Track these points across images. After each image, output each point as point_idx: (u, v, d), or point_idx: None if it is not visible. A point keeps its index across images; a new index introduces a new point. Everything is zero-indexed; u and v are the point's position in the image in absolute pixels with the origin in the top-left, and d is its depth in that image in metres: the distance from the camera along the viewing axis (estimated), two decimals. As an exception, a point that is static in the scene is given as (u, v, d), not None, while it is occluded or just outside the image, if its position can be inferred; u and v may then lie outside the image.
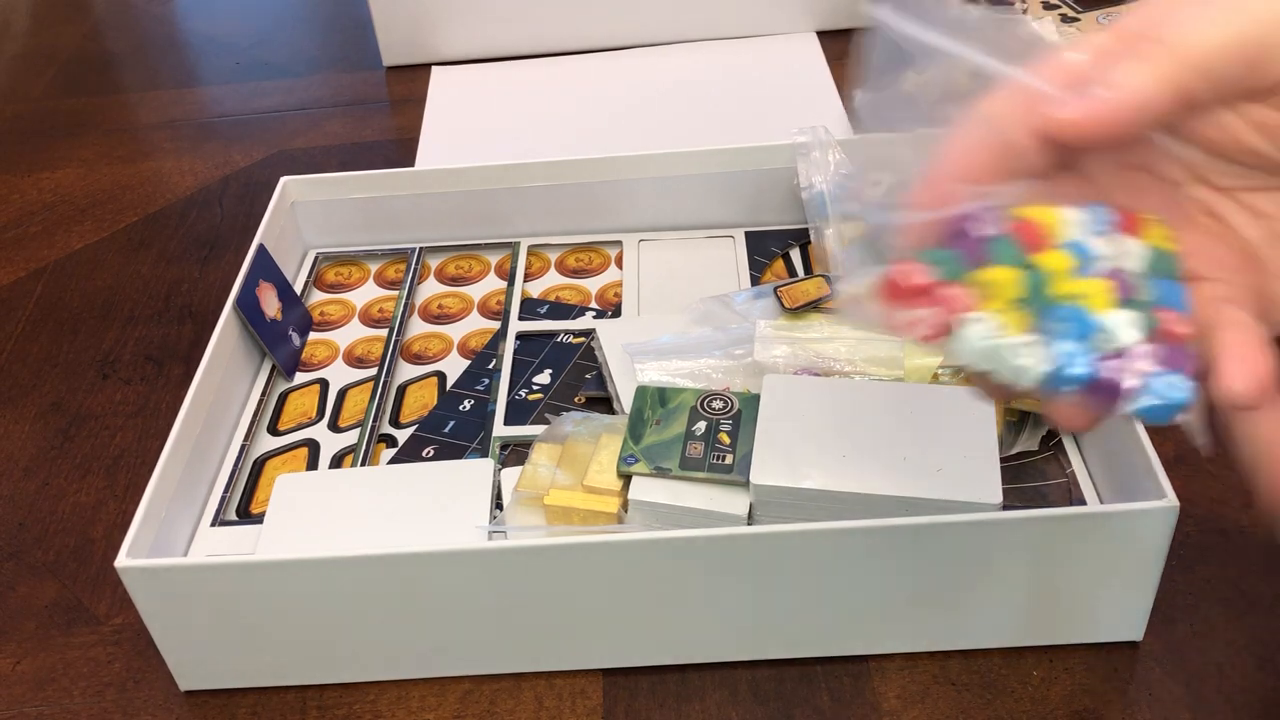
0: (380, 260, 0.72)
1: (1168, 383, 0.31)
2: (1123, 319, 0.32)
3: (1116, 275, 0.32)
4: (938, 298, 0.32)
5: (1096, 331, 0.32)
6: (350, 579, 0.46)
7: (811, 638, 0.48)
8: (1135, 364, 0.31)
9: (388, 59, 0.98)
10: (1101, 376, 0.31)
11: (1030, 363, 0.31)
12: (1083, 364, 0.31)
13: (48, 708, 0.50)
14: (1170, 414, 0.31)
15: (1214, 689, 0.47)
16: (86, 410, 0.66)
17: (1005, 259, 0.32)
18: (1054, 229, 0.33)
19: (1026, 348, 0.31)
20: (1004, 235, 0.33)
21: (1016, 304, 0.32)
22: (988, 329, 0.32)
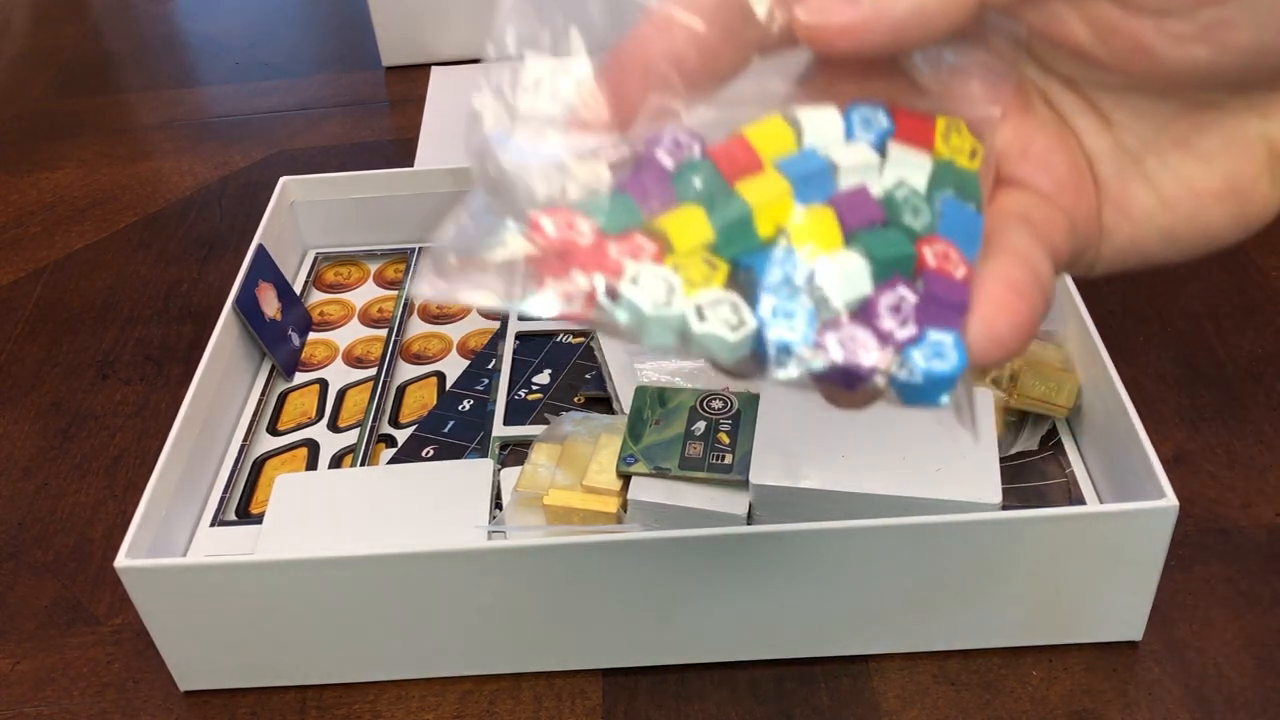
0: (380, 260, 0.72)
1: (931, 349, 0.23)
2: (848, 264, 0.23)
3: (859, 196, 0.24)
4: (591, 256, 0.23)
5: (805, 285, 0.23)
6: (350, 579, 0.46)
7: (811, 638, 0.48)
8: (878, 328, 0.23)
9: (387, 59, 0.98)
10: (823, 349, 0.23)
11: (723, 333, 0.23)
12: (792, 335, 0.23)
13: (47, 708, 0.50)
14: (936, 392, 0.23)
15: (1214, 689, 0.47)
16: (86, 410, 0.66)
17: (691, 193, 0.24)
18: (775, 144, 0.25)
19: (714, 311, 0.23)
20: (694, 161, 0.24)
21: (705, 253, 0.23)
22: (658, 289, 0.23)
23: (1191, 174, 0.27)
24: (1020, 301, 0.24)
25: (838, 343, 0.23)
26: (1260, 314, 0.65)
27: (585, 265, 0.23)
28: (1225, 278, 0.68)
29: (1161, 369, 0.62)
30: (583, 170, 0.24)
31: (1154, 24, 0.24)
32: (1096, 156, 0.28)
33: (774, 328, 0.23)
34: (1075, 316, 0.55)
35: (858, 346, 0.23)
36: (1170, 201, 0.28)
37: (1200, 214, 0.28)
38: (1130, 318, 0.65)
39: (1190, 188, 0.27)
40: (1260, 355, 0.62)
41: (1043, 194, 0.27)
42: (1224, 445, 0.57)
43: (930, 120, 0.25)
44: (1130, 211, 0.28)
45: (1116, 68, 0.26)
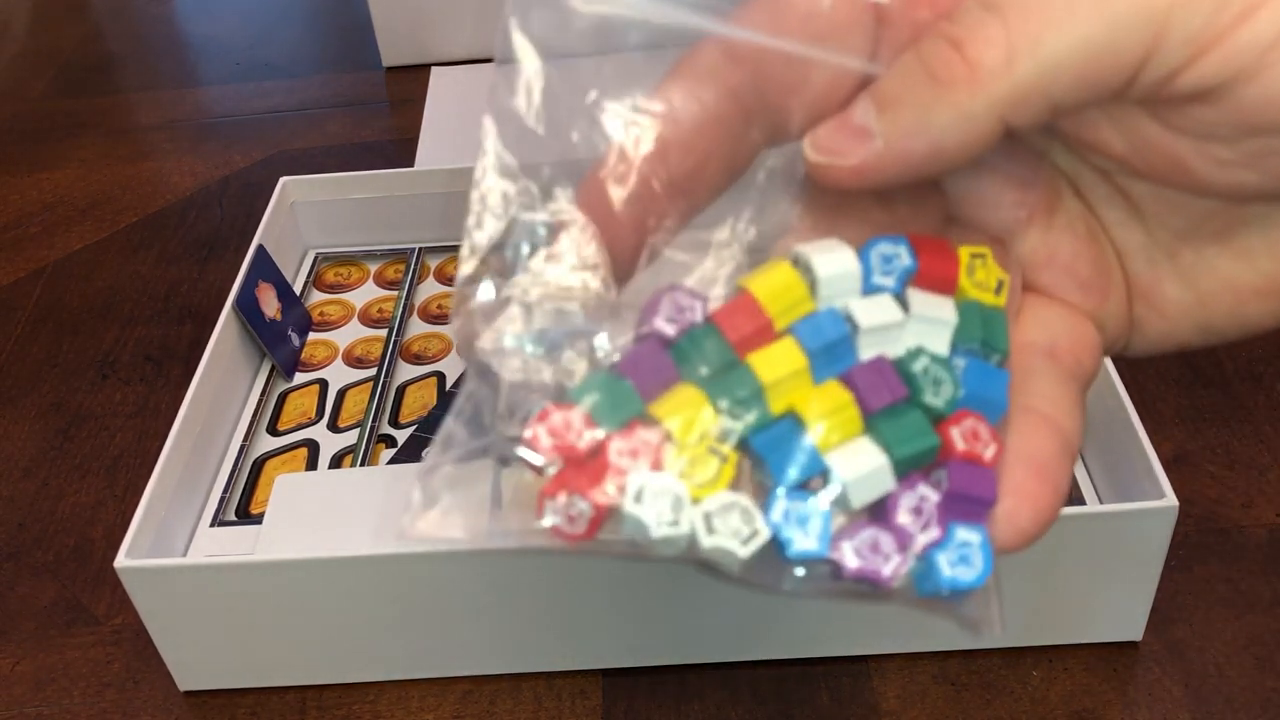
0: (380, 260, 0.72)
1: (958, 554, 0.22)
2: (868, 463, 0.21)
3: (880, 373, 0.22)
4: (592, 474, 0.21)
5: (821, 482, 0.21)
6: (350, 579, 0.46)
7: (811, 638, 0.48)
8: (899, 530, 0.21)
9: (387, 59, 0.98)
10: (842, 564, 0.21)
11: (733, 546, 0.21)
12: (807, 544, 0.21)
13: (47, 708, 0.50)
14: (963, 596, 0.22)
15: (1214, 689, 0.47)
16: (86, 410, 0.66)
17: (696, 368, 0.22)
18: (785, 298, 0.22)
19: (723, 520, 0.21)
20: (698, 332, 0.22)
21: (712, 442, 0.21)
22: (664, 505, 0.21)
23: (1231, 271, 0.25)
24: (1044, 487, 0.23)
25: (854, 552, 0.21)
26: (1260, 314, 0.65)
27: (586, 485, 0.21)
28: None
29: (1161, 369, 0.62)
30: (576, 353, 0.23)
31: (1195, 146, 0.22)
32: (1127, 252, 0.26)
33: (790, 536, 0.21)
34: (1075, 316, 0.55)
35: (877, 555, 0.21)
36: (1207, 298, 0.26)
37: (1239, 310, 0.25)
38: (1130, 318, 0.65)
39: (1230, 285, 0.25)
40: (1260, 355, 0.62)
41: (1069, 302, 0.26)
42: (1224, 445, 0.57)
43: (953, 255, 0.24)
44: (1164, 308, 0.26)
45: (1154, 179, 0.24)
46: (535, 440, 0.22)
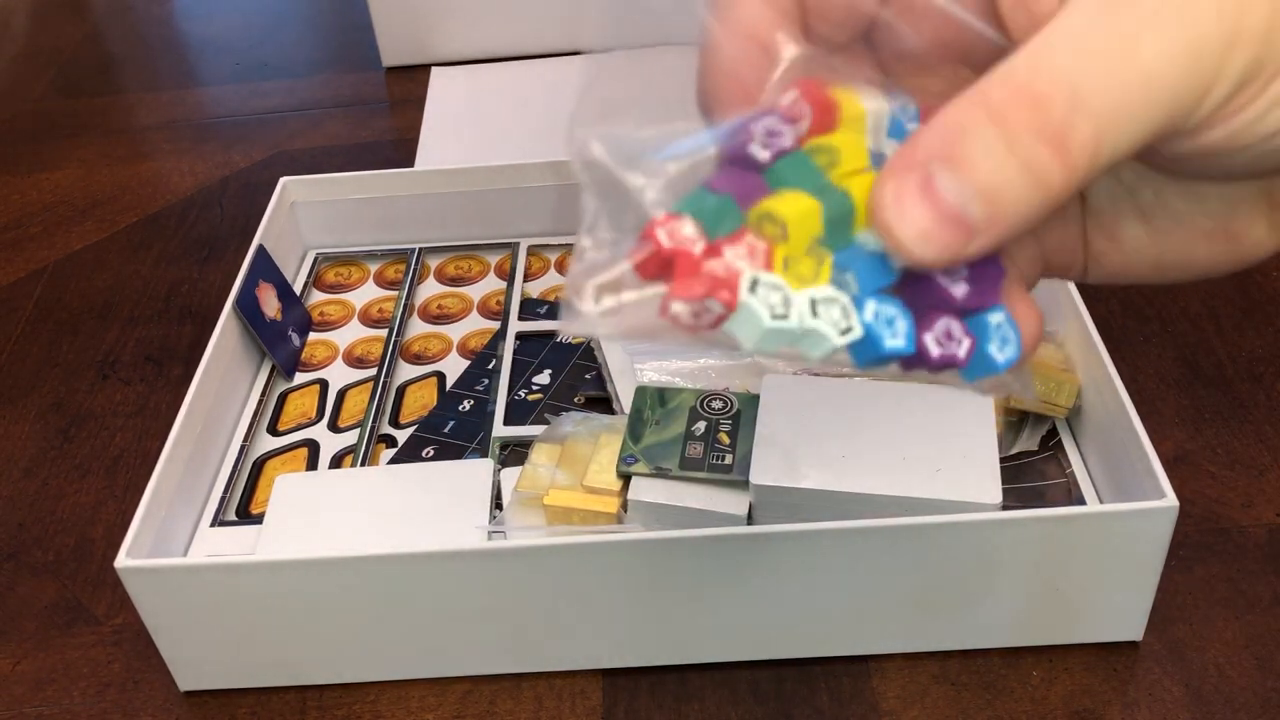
0: (380, 260, 0.72)
1: (999, 340, 0.25)
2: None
3: None
4: (704, 272, 0.23)
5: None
6: (350, 579, 0.46)
7: (811, 638, 0.48)
8: (941, 288, 0.25)
9: (387, 60, 0.98)
10: (927, 354, 0.25)
11: (830, 334, 0.23)
12: (897, 334, 0.24)
13: (47, 708, 0.50)
14: (998, 372, 0.25)
15: (1214, 689, 0.47)
16: (86, 410, 0.66)
17: (795, 178, 0.24)
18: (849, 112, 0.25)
19: (825, 309, 0.23)
20: (793, 152, 0.24)
21: (813, 246, 0.24)
22: (775, 298, 0.23)
23: (1184, 212, 0.27)
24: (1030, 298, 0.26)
25: (934, 342, 0.24)
26: (1260, 314, 0.65)
27: (706, 286, 0.23)
28: (1225, 278, 0.67)
29: (1161, 369, 0.62)
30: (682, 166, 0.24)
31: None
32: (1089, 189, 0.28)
33: (881, 334, 0.24)
34: (1075, 316, 0.55)
35: (951, 342, 0.25)
36: (1160, 236, 0.28)
37: (1189, 250, 0.28)
38: (1130, 318, 0.65)
39: (1182, 225, 0.27)
40: (1260, 355, 0.62)
41: None
42: (1224, 445, 0.57)
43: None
44: (1120, 241, 0.28)
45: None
46: (656, 240, 0.23)
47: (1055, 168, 0.22)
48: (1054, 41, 0.22)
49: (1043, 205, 0.22)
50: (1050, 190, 0.22)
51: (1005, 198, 0.22)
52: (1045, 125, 0.22)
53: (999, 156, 0.22)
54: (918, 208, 0.23)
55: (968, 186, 0.22)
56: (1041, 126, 0.22)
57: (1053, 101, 0.21)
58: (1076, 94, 0.21)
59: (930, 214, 0.23)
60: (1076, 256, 0.29)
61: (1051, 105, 0.21)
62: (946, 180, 0.22)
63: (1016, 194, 0.22)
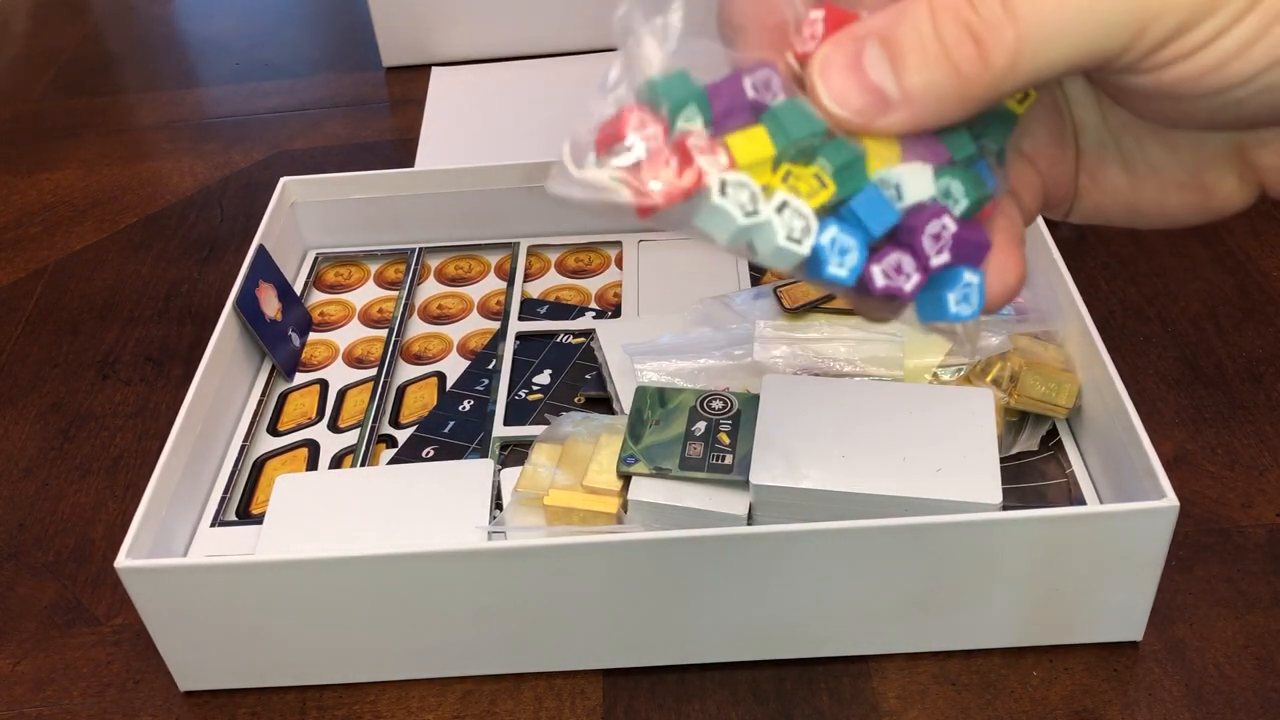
0: (380, 260, 0.72)
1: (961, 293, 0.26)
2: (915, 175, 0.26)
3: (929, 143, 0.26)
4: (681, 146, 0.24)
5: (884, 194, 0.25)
6: (350, 579, 0.46)
7: (811, 638, 0.48)
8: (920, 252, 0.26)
9: (388, 59, 0.98)
10: (872, 281, 0.26)
11: (782, 241, 0.25)
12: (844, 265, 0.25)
13: (48, 708, 0.50)
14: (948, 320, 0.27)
15: (1214, 689, 0.47)
16: (86, 410, 0.66)
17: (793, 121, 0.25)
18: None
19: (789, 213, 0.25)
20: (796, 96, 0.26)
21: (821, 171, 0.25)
22: (744, 200, 0.24)
23: (1160, 161, 0.29)
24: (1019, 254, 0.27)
25: (881, 273, 0.25)
26: (1260, 314, 0.65)
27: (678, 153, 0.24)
28: (1225, 278, 0.68)
29: (1161, 369, 0.62)
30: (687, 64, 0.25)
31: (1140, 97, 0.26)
32: (1083, 127, 0.30)
33: (827, 258, 0.25)
34: (1075, 316, 0.55)
35: (900, 275, 0.25)
36: (1137, 183, 0.29)
37: (1162, 198, 0.29)
38: (1130, 318, 0.65)
39: (1157, 173, 0.29)
40: (1260, 355, 0.62)
41: (1024, 154, 0.29)
42: (1224, 445, 0.57)
43: None
44: (1101, 183, 0.30)
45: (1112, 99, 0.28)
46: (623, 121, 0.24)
47: (974, 62, 0.23)
48: None
49: (957, 99, 0.24)
50: (965, 84, 0.24)
51: (920, 78, 0.24)
52: (972, 20, 0.23)
53: (925, 40, 0.24)
54: (843, 73, 0.25)
55: (886, 60, 0.24)
56: (969, 21, 0.23)
57: (986, 3, 0.23)
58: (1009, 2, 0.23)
59: (853, 79, 0.24)
60: (1068, 192, 0.30)
61: (984, 6, 0.23)
62: (874, 53, 0.24)
63: (932, 76, 0.24)
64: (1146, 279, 0.68)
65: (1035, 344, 0.56)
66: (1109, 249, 0.70)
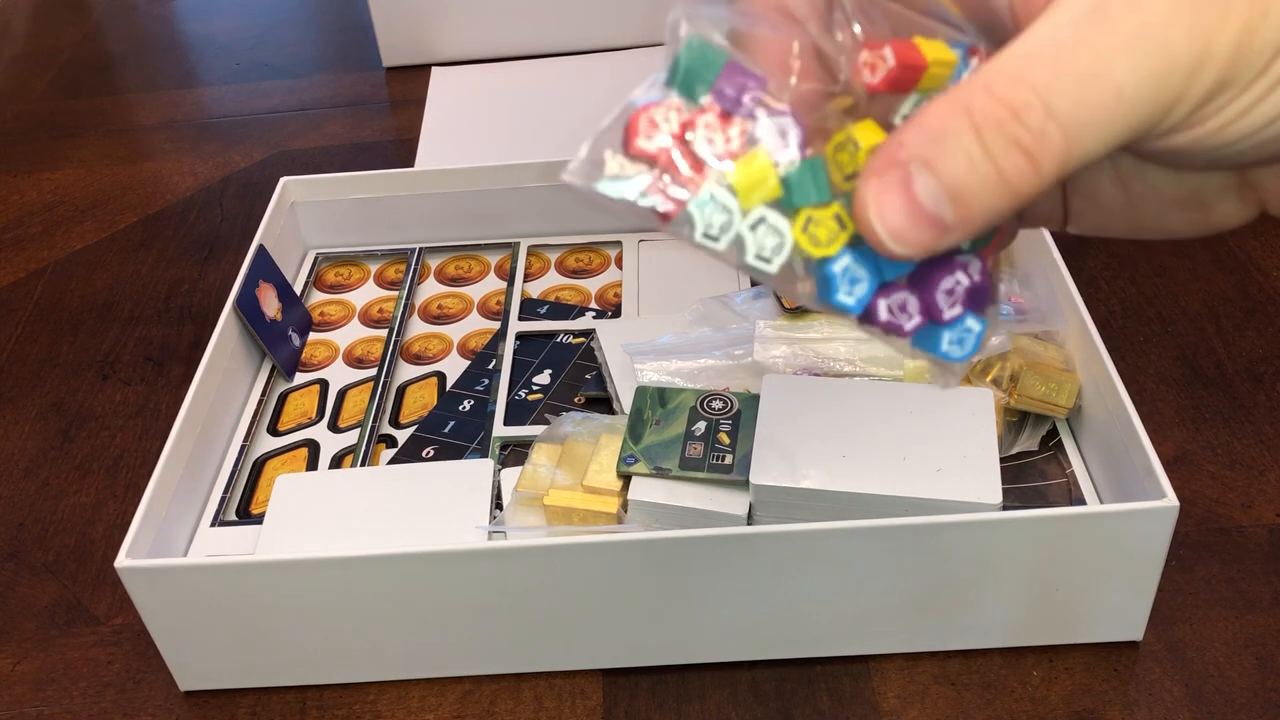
0: (380, 260, 0.72)
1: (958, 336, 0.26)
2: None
3: None
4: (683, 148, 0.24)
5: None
6: (350, 579, 0.46)
7: (811, 638, 0.48)
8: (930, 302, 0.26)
9: (388, 60, 0.98)
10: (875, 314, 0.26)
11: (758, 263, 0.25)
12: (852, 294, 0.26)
13: (48, 708, 0.50)
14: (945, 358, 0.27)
15: (1214, 689, 0.47)
16: (86, 410, 0.66)
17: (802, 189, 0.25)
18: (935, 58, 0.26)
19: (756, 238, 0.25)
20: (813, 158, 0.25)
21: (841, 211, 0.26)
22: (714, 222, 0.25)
23: (1158, 180, 0.29)
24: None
25: (886, 308, 0.26)
26: (1260, 314, 0.65)
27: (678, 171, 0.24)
28: (1225, 278, 0.68)
29: (1161, 369, 0.62)
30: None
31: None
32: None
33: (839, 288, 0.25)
34: (1075, 316, 0.55)
35: (903, 314, 0.26)
36: (1137, 200, 0.29)
37: (1162, 215, 0.29)
38: (1130, 318, 0.65)
39: (1156, 192, 0.29)
40: (1260, 355, 0.62)
41: None
42: (1224, 445, 0.57)
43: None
44: (1100, 202, 0.30)
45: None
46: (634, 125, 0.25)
47: (1027, 173, 0.23)
48: (1034, 52, 0.23)
49: (1011, 207, 0.24)
50: (1019, 194, 0.23)
51: (977, 201, 0.24)
52: (1021, 135, 0.23)
53: (975, 162, 0.23)
54: (896, 207, 0.24)
55: (944, 189, 0.24)
56: (1017, 136, 0.23)
57: (1030, 113, 0.23)
58: (1052, 108, 0.23)
59: (906, 213, 0.24)
60: (1056, 212, 0.30)
61: (1028, 116, 0.23)
62: (924, 182, 0.24)
63: (988, 197, 0.23)
64: (1146, 279, 0.68)
65: (1035, 344, 0.56)
66: (1109, 249, 0.70)
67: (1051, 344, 0.56)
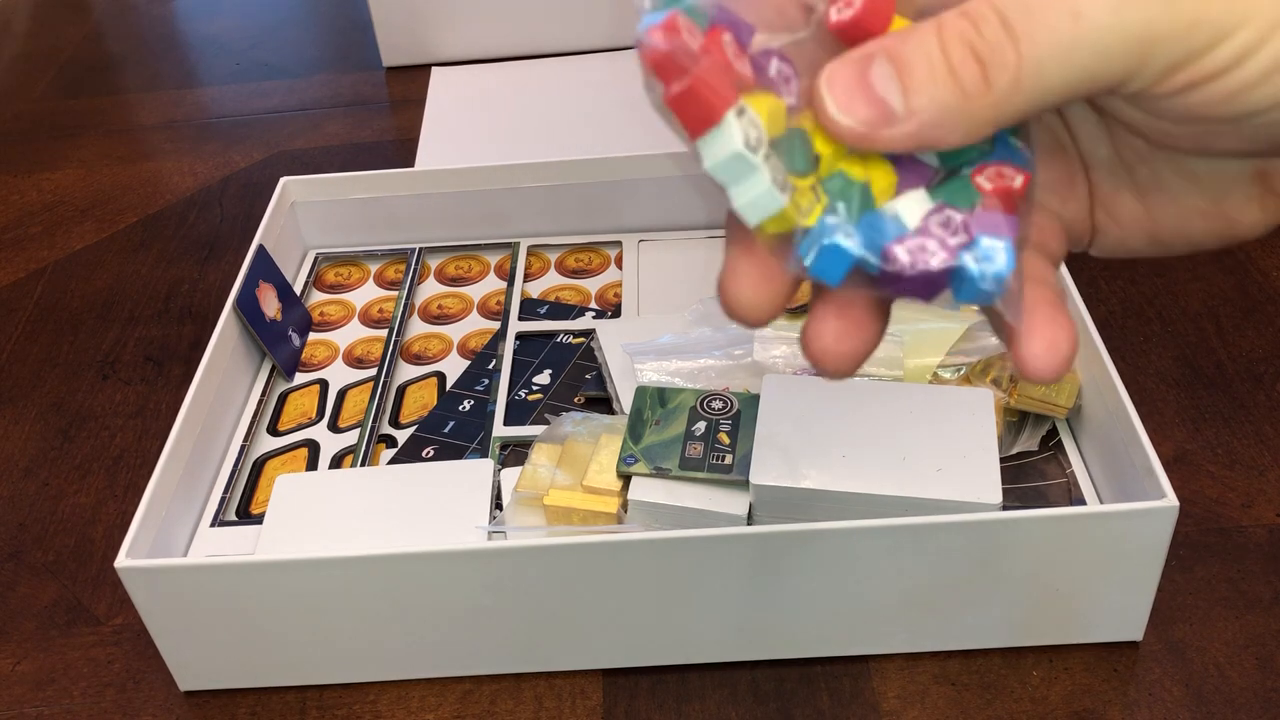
0: (380, 260, 0.72)
1: (983, 253, 0.25)
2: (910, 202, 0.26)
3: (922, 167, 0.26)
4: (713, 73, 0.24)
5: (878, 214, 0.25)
6: (350, 579, 0.46)
7: (811, 638, 0.48)
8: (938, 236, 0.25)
9: (388, 59, 0.98)
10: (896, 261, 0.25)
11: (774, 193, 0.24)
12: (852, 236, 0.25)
13: (48, 708, 0.50)
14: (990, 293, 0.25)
15: (1214, 689, 0.47)
16: (86, 410, 0.66)
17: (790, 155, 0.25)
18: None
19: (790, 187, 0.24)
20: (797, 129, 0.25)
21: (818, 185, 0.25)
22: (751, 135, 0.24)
23: (1180, 191, 0.28)
24: (1065, 319, 0.27)
25: (905, 251, 0.25)
26: (1260, 314, 0.65)
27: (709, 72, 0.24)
28: (1225, 278, 0.68)
29: (1161, 369, 0.62)
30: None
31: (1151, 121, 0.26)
32: (1093, 163, 0.29)
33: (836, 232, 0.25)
34: (1075, 316, 0.55)
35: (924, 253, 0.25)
36: (1157, 213, 0.29)
37: (1184, 226, 0.29)
38: (1130, 318, 0.65)
39: (1177, 203, 0.29)
40: (1260, 355, 0.62)
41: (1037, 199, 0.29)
42: (1224, 445, 0.57)
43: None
44: (1120, 218, 0.29)
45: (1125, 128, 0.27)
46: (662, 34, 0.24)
47: (977, 82, 0.24)
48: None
49: (961, 118, 0.24)
50: (969, 103, 0.24)
51: (926, 93, 0.24)
52: (975, 41, 0.24)
53: (933, 61, 0.24)
54: (850, 86, 0.25)
55: (896, 75, 0.24)
56: (973, 41, 0.24)
57: (986, 24, 0.23)
58: (1008, 22, 0.23)
59: (860, 94, 0.24)
60: (1085, 229, 0.30)
61: (985, 28, 0.24)
62: (882, 69, 0.24)
63: (937, 92, 0.24)
64: (1146, 279, 0.68)
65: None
66: (1109, 249, 0.70)
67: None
